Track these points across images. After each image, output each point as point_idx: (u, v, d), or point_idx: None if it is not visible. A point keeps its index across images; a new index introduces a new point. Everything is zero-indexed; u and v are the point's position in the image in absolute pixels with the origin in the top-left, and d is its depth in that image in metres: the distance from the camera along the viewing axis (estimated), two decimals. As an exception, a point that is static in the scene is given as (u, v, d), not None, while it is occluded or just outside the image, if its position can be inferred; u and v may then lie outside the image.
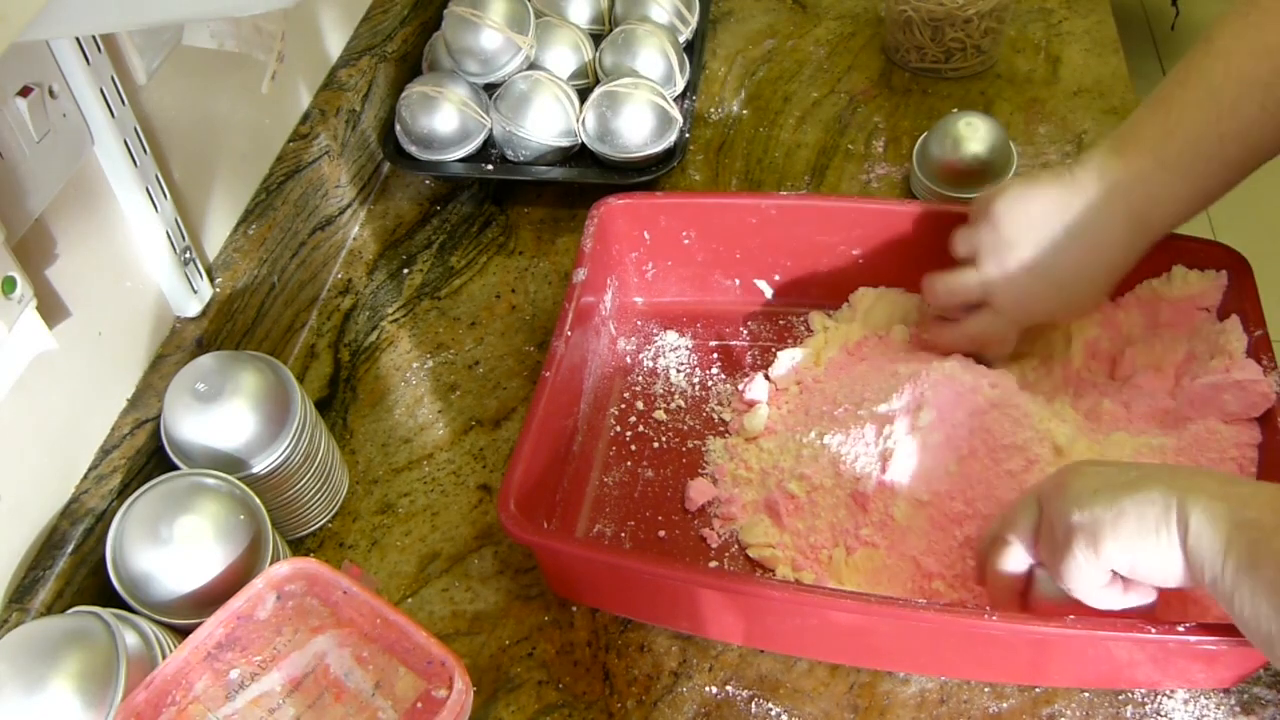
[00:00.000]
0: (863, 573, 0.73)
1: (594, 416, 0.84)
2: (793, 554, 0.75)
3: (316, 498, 0.79)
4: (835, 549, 0.74)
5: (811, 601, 0.66)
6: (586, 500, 0.81)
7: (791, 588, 0.69)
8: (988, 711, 0.69)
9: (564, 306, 0.80)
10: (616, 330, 0.90)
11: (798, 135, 1.08)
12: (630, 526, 0.79)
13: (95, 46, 0.69)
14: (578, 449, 0.81)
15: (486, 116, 1.02)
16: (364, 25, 1.08)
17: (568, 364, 0.78)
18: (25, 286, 0.63)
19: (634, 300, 0.92)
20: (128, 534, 0.67)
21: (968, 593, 0.71)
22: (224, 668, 0.63)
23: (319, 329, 0.96)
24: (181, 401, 0.73)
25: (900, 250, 0.86)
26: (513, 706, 0.72)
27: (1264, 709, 0.68)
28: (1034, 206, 0.75)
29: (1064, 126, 1.06)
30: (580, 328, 0.81)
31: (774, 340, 0.90)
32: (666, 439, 0.84)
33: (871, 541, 0.73)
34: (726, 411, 0.85)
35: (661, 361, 0.89)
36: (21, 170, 0.65)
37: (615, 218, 0.87)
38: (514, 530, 0.68)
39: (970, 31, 1.08)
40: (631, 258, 0.90)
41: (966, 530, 0.72)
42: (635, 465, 0.83)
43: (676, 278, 0.91)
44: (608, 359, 0.88)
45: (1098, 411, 0.78)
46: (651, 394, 0.87)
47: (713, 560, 0.77)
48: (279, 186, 0.92)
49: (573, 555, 0.72)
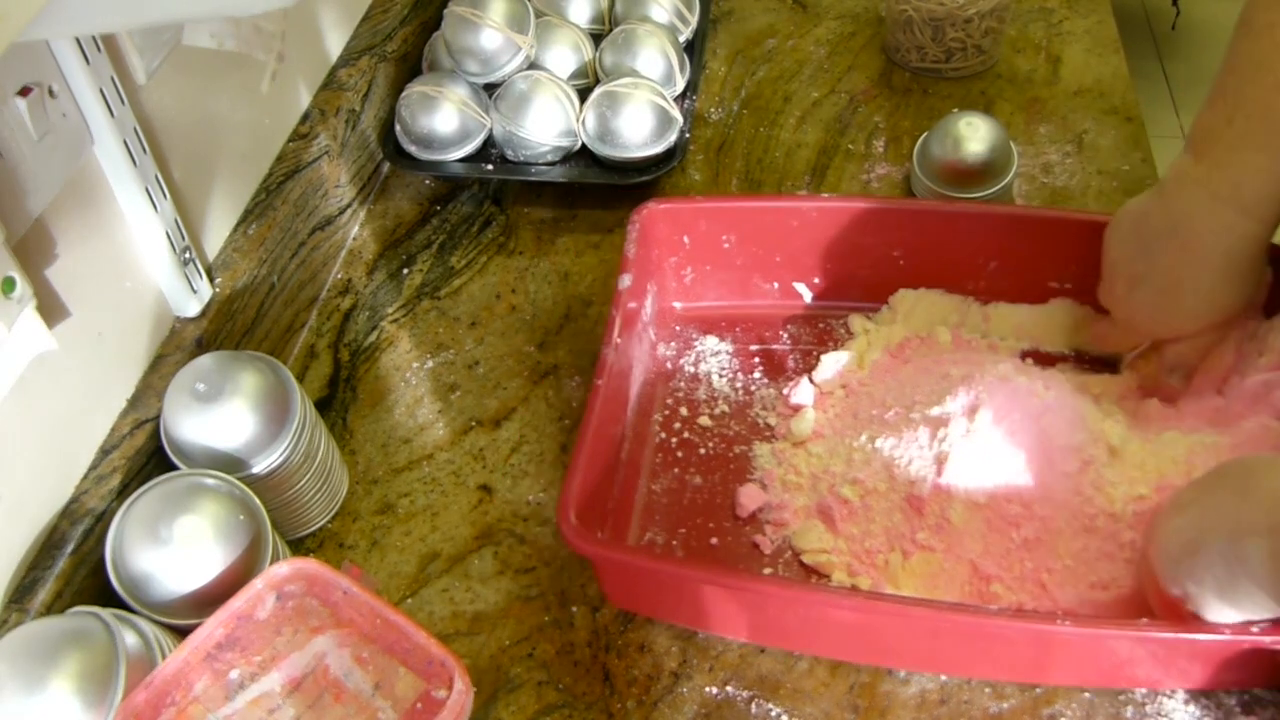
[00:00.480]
0: (919, 577, 0.72)
1: (640, 424, 0.84)
2: (848, 559, 0.75)
3: (316, 498, 0.79)
4: (891, 554, 0.74)
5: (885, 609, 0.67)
6: (636, 508, 0.80)
7: (884, 598, 0.69)
8: (988, 712, 0.69)
9: (610, 313, 0.79)
10: (656, 336, 0.89)
11: (798, 135, 1.08)
12: (681, 534, 0.79)
13: (95, 46, 0.69)
14: (625, 456, 0.81)
15: (486, 116, 1.02)
16: (364, 25, 1.08)
17: (616, 371, 0.78)
18: (25, 286, 0.63)
19: (673, 305, 0.92)
20: (127, 534, 0.67)
21: (1026, 595, 0.71)
22: (224, 668, 0.63)
23: (319, 329, 0.96)
24: (181, 401, 0.73)
25: (939, 251, 0.86)
26: (513, 707, 0.72)
27: (1264, 709, 0.68)
28: (1125, 222, 0.76)
29: (1064, 126, 1.06)
30: (625, 334, 0.81)
31: (814, 343, 0.89)
32: (713, 445, 0.84)
33: (928, 545, 0.73)
34: (772, 416, 0.85)
35: (703, 367, 0.89)
36: (21, 170, 0.65)
37: (656, 222, 0.87)
38: (576, 542, 0.67)
39: (970, 31, 1.08)
40: (670, 262, 0.90)
41: (1024, 533, 0.72)
42: (683, 472, 0.82)
43: (715, 282, 0.91)
44: (650, 365, 0.87)
45: (1145, 411, 0.78)
46: (695, 400, 0.86)
47: (766, 567, 0.76)
48: (279, 186, 0.92)
49: (638, 567, 0.72)
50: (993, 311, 0.86)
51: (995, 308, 0.87)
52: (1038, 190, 1.01)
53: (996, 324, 0.86)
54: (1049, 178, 1.01)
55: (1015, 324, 0.86)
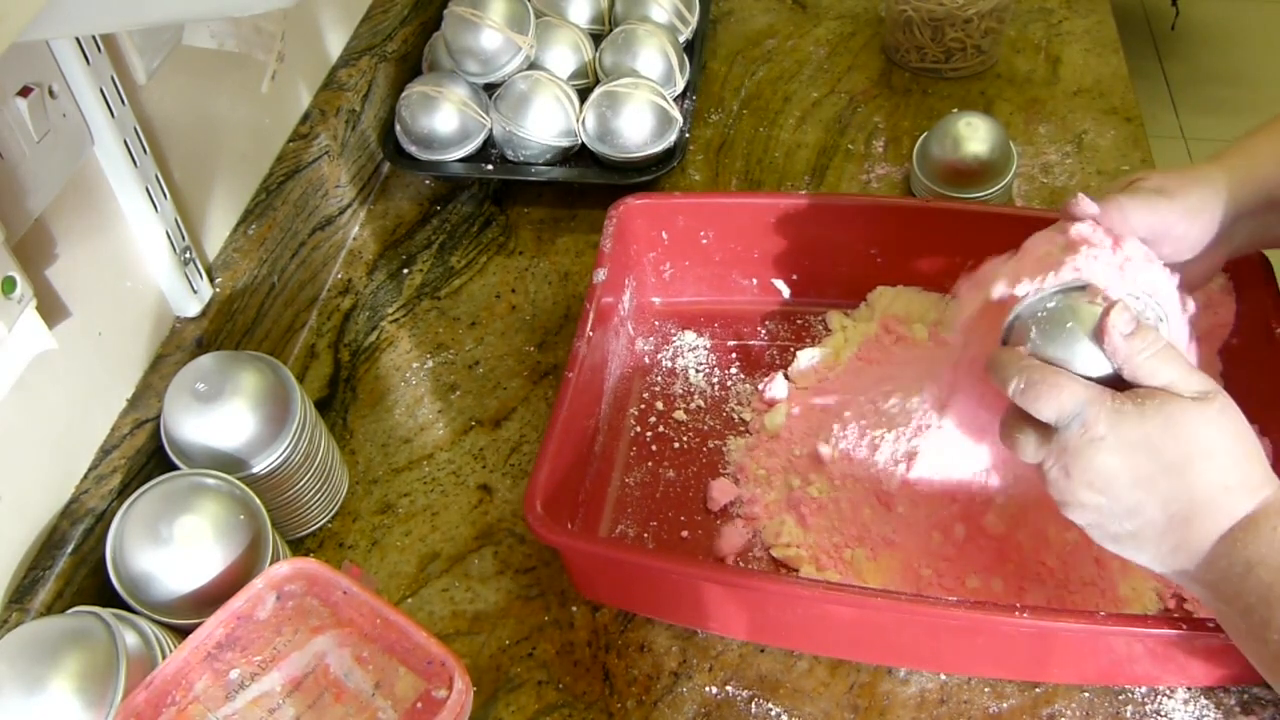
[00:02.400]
0: (887, 571, 0.73)
1: (614, 417, 0.84)
2: (816, 553, 0.75)
3: (316, 498, 0.79)
4: (859, 548, 0.74)
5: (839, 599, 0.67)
6: (609, 501, 0.81)
7: (823, 585, 0.69)
8: (988, 711, 0.69)
9: (585, 307, 0.80)
10: (634, 330, 0.90)
11: (798, 135, 1.08)
12: (653, 527, 0.79)
13: (95, 46, 0.69)
14: (599, 449, 0.81)
15: (486, 116, 1.02)
16: (364, 25, 1.08)
17: (589, 364, 0.78)
18: (25, 286, 0.63)
19: (651, 300, 0.92)
20: (128, 534, 0.67)
21: (1001, 592, 0.71)
22: (224, 668, 0.63)
23: (319, 329, 0.96)
24: (181, 401, 0.73)
25: (918, 248, 0.86)
26: (513, 706, 0.72)
27: (1264, 709, 0.68)
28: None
29: (1064, 126, 1.06)
30: (600, 328, 0.81)
31: (792, 339, 0.90)
32: (687, 439, 0.84)
33: (896, 540, 0.73)
34: (746, 411, 0.85)
35: (680, 361, 0.89)
36: (21, 170, 0.65)
37: (634, 218, 0.87)
38: (541, 531, 0.68)
39: (970, 31, 1.08)
40: (649, 258, 0.90)
41: (994, 530, 0.72)
42: (656, 466, 0.83)
43: (694, 277, 0.91)
44: (626, 359, 0.88)
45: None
46: (671, 394, 0.87)
47: (735, 560, 0.77)
48: (279, 186, 0.92)
49: (600, 556, 0.72)
50: None
51: None
52: (1037, 190, 1.01)
53: None
54: (1048, 178, 1.01)
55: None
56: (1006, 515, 0.72)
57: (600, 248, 0.84)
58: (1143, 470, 0.57)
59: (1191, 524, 0.57)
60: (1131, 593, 0.71)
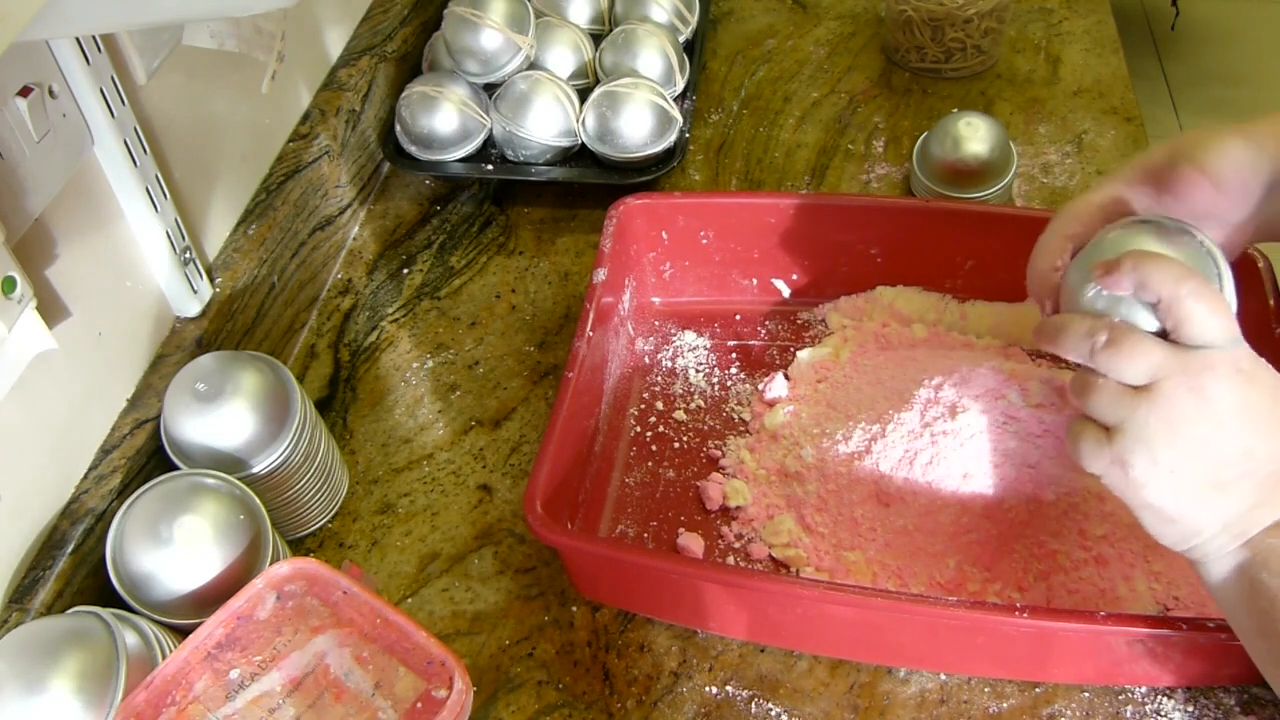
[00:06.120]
0: (887, 571, 0.73)
1: (614, 417, 0.84)
2: (816, 553, 0.75)
3: (316, 498, 0.79)
4: (859, 549, 0.74)
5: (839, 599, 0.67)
6: (609, 501, 0.81)
7: (823, 585, 0.69)
8: (988, 711, 0.69)
9: (585, 307, 0.80)
10: (634, 330, 0.90)
11: (798, 135, 1.08)
12: (653, 527, 0.79)
13: (95, 46, 0.69)
14: (599, 449, 0.81)
15: (486, 116, 1.02)
16: (364, 25, 1.08)
17: (589, 364, 0.78)
18: (25, 286, 0.63)
19: (651, 300, 0.92)
20: (128, 534, 0.67)
21: (999, 593, 0.71)
22: (224, 668, 0.63)
23: (319, 329, 0.96)
24: (181, 401, 0.73)
25: (918, 248, 0.86)
26: (513, 706, 0.72)
27: (1263, 709, 0.68)
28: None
29: (1064, 126, 1.06)
30: (600, 328, 0.81)
31: (792, 339, 0.89)
32: (687, 439, 0.84)
33: (895, 540, 0.73)
34: (746, 411, 0.85)
35: (680, 361, 0.89)
36: (21, 170, 0.65)
37: (634, 217, 0.87)
38: (541, 532, 0.68)
39: (970, 31, 1.08)
40: (649, 258, 0.90)
41: (997, 530, 0.72)
42: (656, 466, 0.83)
43: (694, 277, 0.91)
44: (626, 359, 0.88)
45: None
46: (671, 394, 0.87)
47: (735, 560, 0.77)
48: (279, 186, 0.92)
49: (600, 556, 0.72)
50: (970, 309, 0.87)
51: (972, 306, 0.87)
52: (1037, 190, 1.01)
53: (974, 322, 0.86)
54: (1049, 178, 1.01)
55: (992, 322, 0.86)
56: (1007, 515, 0.72)
57: (600, 248, 0.84)
58: (1274, 413, 0.56)
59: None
60: (1131, 593, 0.71)
